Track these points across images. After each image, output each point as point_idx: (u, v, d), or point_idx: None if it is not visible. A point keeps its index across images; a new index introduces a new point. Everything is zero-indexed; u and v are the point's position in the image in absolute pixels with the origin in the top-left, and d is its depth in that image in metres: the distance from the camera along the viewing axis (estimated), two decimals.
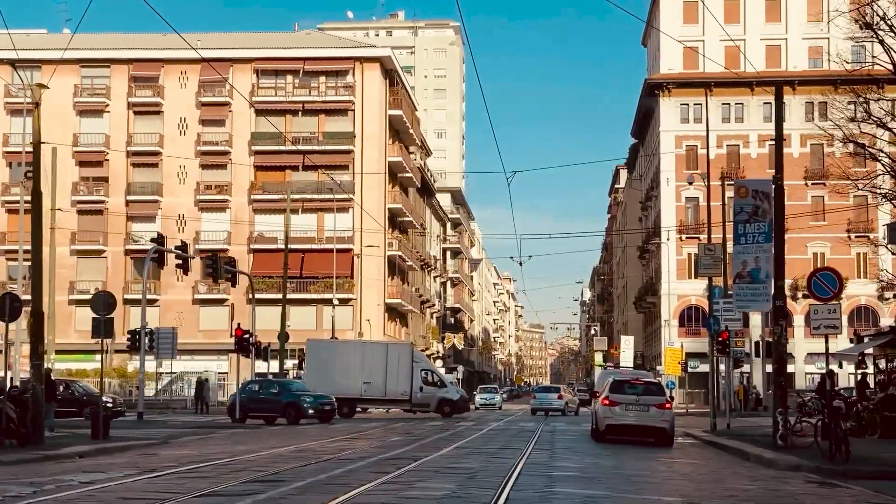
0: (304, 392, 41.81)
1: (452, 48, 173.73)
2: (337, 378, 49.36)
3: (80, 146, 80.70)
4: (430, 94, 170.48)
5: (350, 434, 29.49)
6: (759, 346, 54.54)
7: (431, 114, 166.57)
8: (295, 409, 39.80)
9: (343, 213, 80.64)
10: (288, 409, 39.83)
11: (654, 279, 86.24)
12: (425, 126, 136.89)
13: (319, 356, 52.57)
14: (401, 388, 49.26)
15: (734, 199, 25.42)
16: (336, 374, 49.83)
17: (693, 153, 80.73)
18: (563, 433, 31.12)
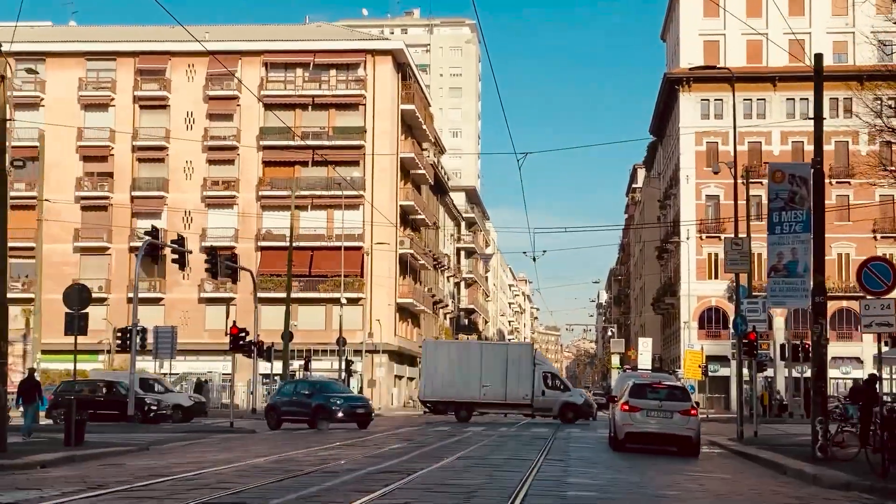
0: (337, 393, 38.60)
1: (468, 46, 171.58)
2: (454, 381, 46.38)
3: (84, 140, 78.83)
4: (446, 92, 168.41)
5: (360, 440, 27.35)
6: (785, 349, 52.05)
7: (447, 113, 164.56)
8: (324, 412, 36.88)
9: (353, 210, 78.55)
10: (317, 412, 36.97)
11: (672, 279, 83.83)
12: (440, 125, 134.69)
13: (436, 358, 49.15)
14: (522, 391, 45.75)
15: (768, 185, 23.12)
16: (453, 377, 46.75)
17: (713, 150, 78.32)
18: (578, 440, 28.89)
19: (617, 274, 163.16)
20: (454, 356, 48.64)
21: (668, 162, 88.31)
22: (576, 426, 40.98)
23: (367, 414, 37.11)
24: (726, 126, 77.63)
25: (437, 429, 35.41)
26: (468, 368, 46.50)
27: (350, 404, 37.20)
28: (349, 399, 38.15)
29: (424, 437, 28.20)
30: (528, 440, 28.56)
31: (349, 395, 39.35)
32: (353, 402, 37.73)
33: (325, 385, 40.56)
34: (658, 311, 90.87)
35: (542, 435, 31.25)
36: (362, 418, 36.61)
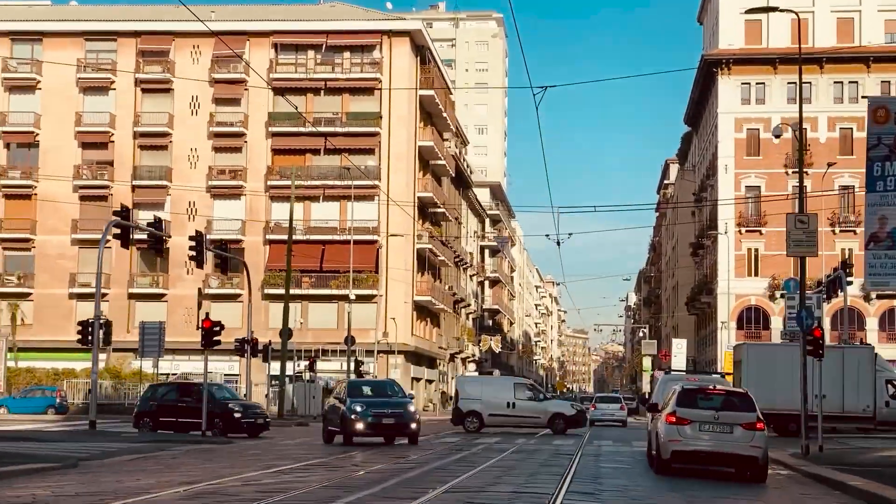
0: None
1: (495, 41, 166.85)
2: (778, 389, 38.24)
3: (83, 126, 74.33)
4: (472, 88, 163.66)
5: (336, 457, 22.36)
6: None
7: (472, 109, 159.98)
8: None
9: (368, 202, 73.70)
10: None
11: (709, 277, 78.45)
12: (465, 121, 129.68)
13: (758, 364, 41.23)
14: (862, 402, 39.29)
15: (868, 127, 17.91)
16: (778, 385, 38.74)
17: (754, 137, 72.98)
18: (612, 458, 23.76)
19: (647, 274, 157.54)
20: (779, 362, 40.19)
21: (705, 152, 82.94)
22: (607, 437, 35.76)
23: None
24: (769, 111, 72.54)
25: (445, 440, 30.37)
26: (795, 376, 37.32)
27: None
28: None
29: (418, 456, 23.11)
30: (549, 457, 23.45)
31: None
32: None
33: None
34: (692, 311, 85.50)
35: (566, 451, 26.14)
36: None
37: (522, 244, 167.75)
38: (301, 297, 73.09)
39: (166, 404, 34.77)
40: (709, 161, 79.59)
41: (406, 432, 27.75)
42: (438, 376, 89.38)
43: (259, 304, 73.06)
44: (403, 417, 27.70)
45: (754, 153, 72.64)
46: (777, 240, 71.54)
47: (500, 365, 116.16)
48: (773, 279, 71.71)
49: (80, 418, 50.42)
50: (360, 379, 34.57)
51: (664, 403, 20.40)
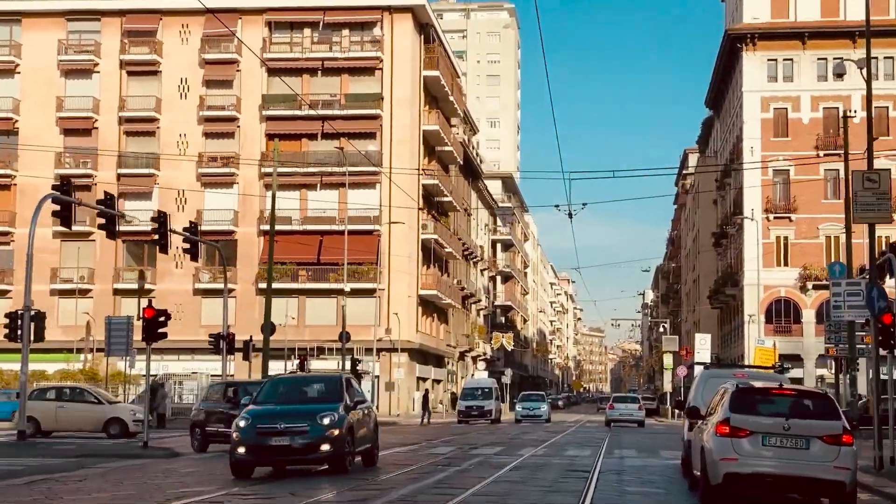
0: None
1: (507, 31, 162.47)
2: None
3: (64, 111, 69.86)
4: (483, 80, 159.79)
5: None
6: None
7: (484, 101, 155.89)
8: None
9: (369, 189, 69.05)
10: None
11: (734, 267, 73.45)
12: (477, 115, 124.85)
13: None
14: None
15: None
16: None
17: (782, 117, 67.96)
18: (639, 477, 18.89)
19: (664, 269, 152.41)
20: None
21: (728, 136, 77.93)
22: (630, 444, 30.90)
23: None
24: (797, 89, 67.57)
25: (435, 451, 25.57)
26: None
27: None
28: None
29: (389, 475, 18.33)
30: (560, 474, 18.64)
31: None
32: None
33: None
34: (716, 305, 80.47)
35: (582, 464, 21.33)
36: None
37: (536, 239, 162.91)
38: (298, 292, 68.61)
39: (217, 412, 27.07)
40: (732, 144, 74.62)
41: (311, 458, 18.53)
42: (447, 376, 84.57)
43: (253, 300, 68.59)
44: (308, 436, 18.18)
45: (782, 134, 67.69)
46: (808, 227, 66.62)
47: (513, 364, 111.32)
48: (803, 269, 66.72)
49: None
50: (289, 375, 24.82)
51: (710, 407, 15.58)
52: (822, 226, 66.71)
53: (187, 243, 37.65)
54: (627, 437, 35.64)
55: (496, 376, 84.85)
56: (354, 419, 19.17)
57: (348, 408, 19.08)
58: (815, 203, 66.98)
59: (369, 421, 20.62)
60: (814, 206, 66.91)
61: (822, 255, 66.99)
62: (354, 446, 19.12)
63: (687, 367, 73.80)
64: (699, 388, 18.75)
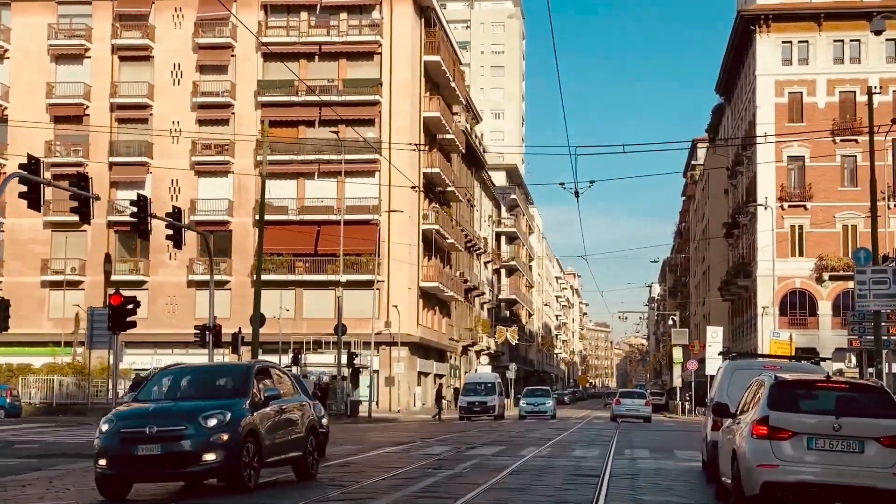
0: None
1: (511, 21, 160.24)
2: None
3: (55, 98, 67.73)
4: (488, 71, 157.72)
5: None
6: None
7: (488, 93, 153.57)
8: None
9: (367, 178, 66.87)
10: None
11: (746, 258, 71.09)
12: (481, 106, 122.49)
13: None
14: None
15: None
16: None
17: (797, 101, 65.54)
18: (656, 483, 16.59)
19: (672, 263, 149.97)
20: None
21: (740, 122, 75.51)
22: (642, 444, 28.62)
23: None
24: (813, 73, 65.14)
25: (428, 451, 23.31)
26: None
27: None
28: None
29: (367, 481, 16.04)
30: (566, 481, 16.36)
31: None
32: None
33: None
34: (727, 297, 78.06)
35: (590, 466, 19.05)
36: None
37: (541, 232, 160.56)
38: (294, 284, 66.47)
39: None
40: (745, 131, 72.20)
41: (191, 471, 13.92)
42: (449, 370, 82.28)
43: (249, 292, 65.74)
44: (186, 442, 13.74)
45: (797, 119, 65.24)
46: (824, 215, 64.24)
47: (517, 358, 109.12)
48: (819, 259, 64.34)
49: (29, 420, 43.80)
50: (183, 365, 16.80)
51: (741, 404, 13.28)
52: (839, 214, 64.36)
53: (171, 229, 35.29)
54: (638, 435, 33.32)
55: (500, 371, 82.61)
56: (264, 420, 14.49)
57: (256, 405, 14.44)
58: (832, 190, 64.63)
59: (298, 422, 15.65)
60: (830, 194, 64.55)
61: (839, 245, 64.64)
62: (263, 455, 14.39)
63: (697, 362, 71.52)
64: (724, 382, 16.44)
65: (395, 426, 42.52)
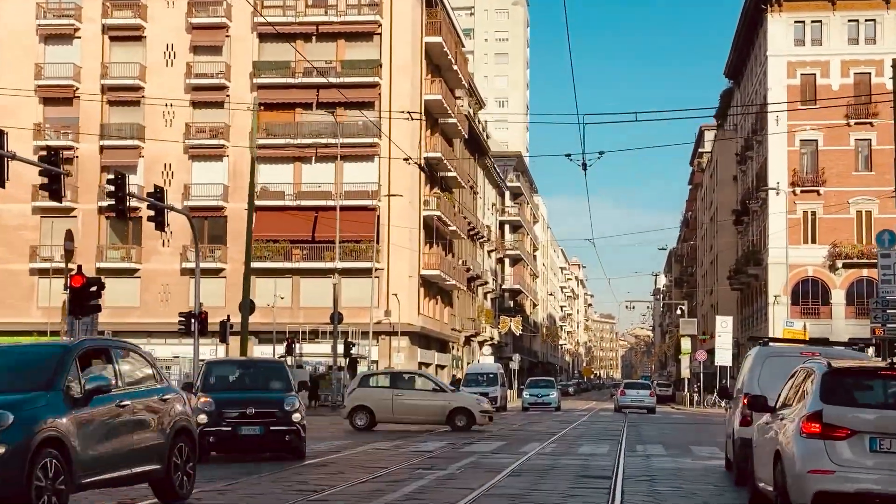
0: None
1: (515, 8, 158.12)
2: None
3: (43, 79, 65.60)
4: (491, 58, 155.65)
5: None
6: None
7: (492, 80, 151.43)
8: None
9: (366, 162, 64.90)
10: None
11: (756, 245, 69.01)
12: (485, 94, 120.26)
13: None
14: None
15: None
16: None
17: (810, 83, 63.35)
18: (674, 482, 14.58)
19: (678, 253, 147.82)
20: None
21: (750, 106, 73.28)
22: (654, 440, 26.61)
23: None
24: (826, 53, 62.93)
25: (421, 447, 21.28)
26: None
27: None
28: None
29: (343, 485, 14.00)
30: (570, 486, 14.30)
31: None
32: None
33: None
34: (736, 286, 75.95)
35: (599, 465, 17.02)
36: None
37: (546, 222, 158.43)
38: (291, 272, 64.51)
39: None
40: (755, 114, 70.01)
41: None
42: (451, 361, 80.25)
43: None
44: None
45: (810, 102, 63.04)
46: (838, 200, 62.09)
47: (521, 349, 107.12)
48: (833, 246, 62.24)
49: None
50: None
51: (783, 397, 11.24)
52: (853, 200, 62.25)
53: (152, 210, 33.26)
54: (648, 429, 31.27)
55: (504, 362, 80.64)
56: (84, 423, 10.51)
57: (73, 401, 10.53)
58: (846, 175, 62.52)
59: (152, 423, 11.71)
60: (844, 179, 62.45)
61: (853, 232, 62.57)
62: (75, 473, 10.32)
63: (706, 352, 69.51)
64: (755, 371, 14.36)
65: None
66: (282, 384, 19.26)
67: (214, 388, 19.17)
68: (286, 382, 19.34)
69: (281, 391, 18.96)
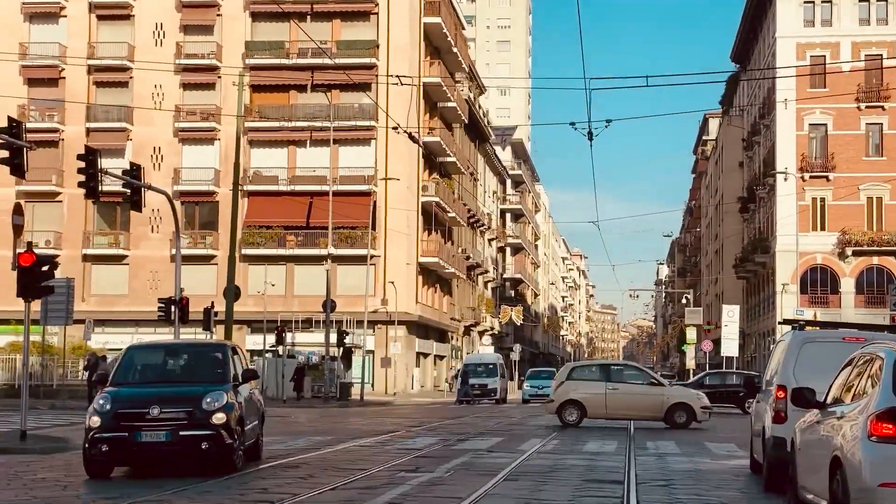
0: None
1: None
2: None
3: (28, 59, 63.62)
4: (493, 46, 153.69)
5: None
6: None
7: (494, 68, 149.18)
8: None
9: (363, 146, 62.93)
10: None
11: (764, 233, 67.03)
12: (486, 82, 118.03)
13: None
14: None
15: None
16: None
17: (820, 66, 61.23)
18: (696, 488, 12.60)
19: (681, 243, 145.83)
20: None
21: (758, 90, 71.30)
22: (663, 433, 24.70)
23: None
24: (837, 35, 60.89)
25: (410, 444, 19.32)
26: None
27: None
28: None
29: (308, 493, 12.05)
30: (575, 492, 12.33)
31: None
32: None
33: None
34: (742, 275, 73.99)
35: (602, 468, 15.07)
36: None
37: (548, 211, 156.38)
38: (285, 259, 62.63)
39: None
40: (763, 99, 68.03)
41: None
42: (451, 351, 78.32)
43: (237, 267, 61.83)
44: None
45: (819, 85, 61.03)
46: (848, 186, 60.10)
47: (522, 340, 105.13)
48: (842, 233, 60.30)
49: None
50: None
51: (835, 391, 9.29)
52: (863, 186, 60.30)
53: (128, 189, 31.26)
54: (666, 435, 29.22)
55: (504, 353, 78.72)
56: None
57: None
58: (856, 161, 60.55)
59: None
60: (854, 164, 60.49)
61: (863, 218, 60.65)
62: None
63: (712, 342, 67.64)
64: (790, 359, 12.37)
65: (385, 411, 38.64)
66: (213, 374, 14.77)
67: (126, 381, 14.80)
68: (221, 371, 14.78)
69: (208, 383, 14.42)
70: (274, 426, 24.86)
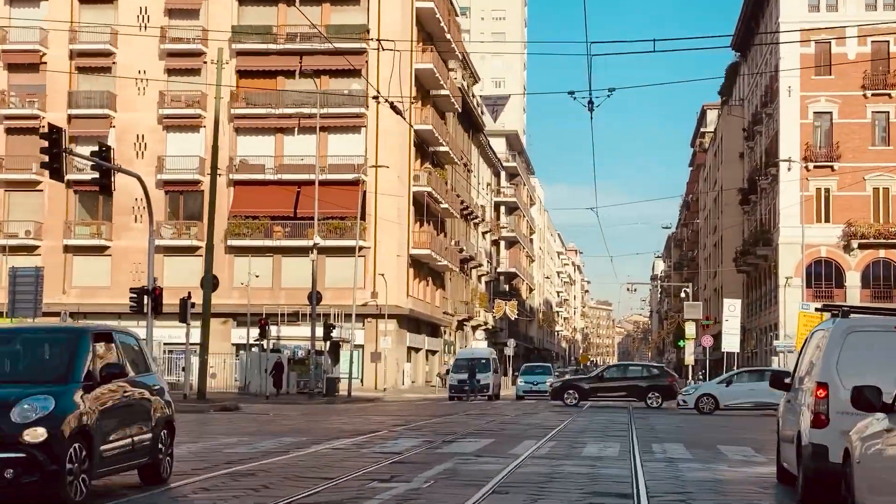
0: None
1: None
2: None
3: (8, 44, 61.72)
4: (488, 38, 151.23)
5: None
6: None
7: (489, 60, 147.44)
8: None
9: (353, 134, 61.04)
10: None
11: (766, 224, 65.19)
12: (481, 73, 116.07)
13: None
14: None
15: None
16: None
17: (825, 52, 59.47)
18: (715, 499, 10.77)
19: (678, 237, 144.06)
20: None
21: (759, 78, 69.39)
22: (668, 434, 22.81)
23: None
24: (842, 20, 58.97)
25: (389, 446, 17.43)
26: None
27: None
28: None
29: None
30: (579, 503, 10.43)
31: None
32: None
33: None
34: (742, 269, 72.13)
35: (606, 474, 13.18)
36: None
37: (543, 204, 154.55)
38: (272, 250, 60.76)
39: None
40: (765, 87, 66.15)
41: None
42: (443, 346, 76.43)
43: (223, 258, 60.31)
44: None
45: (825, 72, 59.20)
46: (853, 177, 58.28)
47: (517, 335, 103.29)
48: (847, 225, 58.48)
49: None
50: None
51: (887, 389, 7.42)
52: (869, 176, 58.50)
53: (96, 171, 29.36)
54: (659, 420, 27.41)
55: (498, 348, 76.87)
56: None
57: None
58: (862, 150, 58.73)
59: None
60: (860, 154, 58.67)
61: (869, 210, 58.87)
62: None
63: (712, 337, 65.79)
64: (831, 351, 10.45)
65: (372, 407, 36.74)
66: (54, 370, 10.73)
67: None
68: (66, 367, 10.65)
69: (41, 382, 10.36)
70: (245, 425, 22.99)
